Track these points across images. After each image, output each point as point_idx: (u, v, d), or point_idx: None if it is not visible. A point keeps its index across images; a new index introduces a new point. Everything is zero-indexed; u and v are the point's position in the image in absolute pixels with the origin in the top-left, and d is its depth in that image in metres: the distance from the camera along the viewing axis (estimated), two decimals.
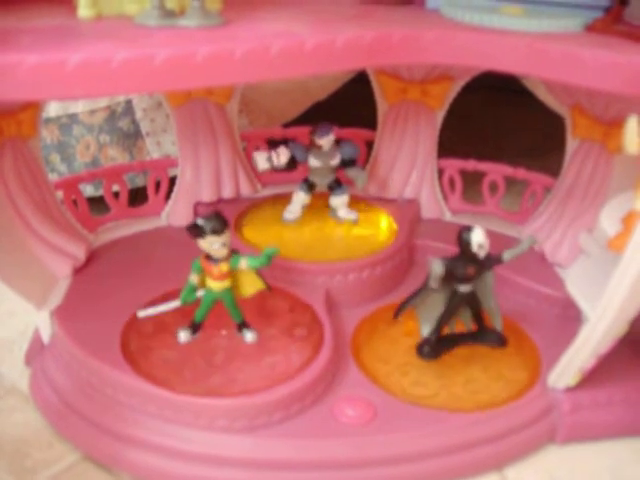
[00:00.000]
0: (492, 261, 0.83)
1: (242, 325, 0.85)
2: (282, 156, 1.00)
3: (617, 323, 0.74)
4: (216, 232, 0.77)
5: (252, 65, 0.65)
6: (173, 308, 0.86)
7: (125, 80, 0.61)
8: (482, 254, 0.80)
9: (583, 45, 0.71)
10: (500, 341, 0.88)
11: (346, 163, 1.04)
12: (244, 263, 0.80)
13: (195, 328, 0.84)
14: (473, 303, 0.85)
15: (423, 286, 0.83)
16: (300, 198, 1.06)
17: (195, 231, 0.77)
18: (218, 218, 0.78)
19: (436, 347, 0.86)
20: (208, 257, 0.79)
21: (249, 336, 0.84)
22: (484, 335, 0.88)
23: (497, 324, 0.87)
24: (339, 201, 1.06)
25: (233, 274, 0.82)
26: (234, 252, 0.80)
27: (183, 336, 0.84)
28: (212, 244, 0.78)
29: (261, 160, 1.01)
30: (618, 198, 0.83)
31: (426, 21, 0.82)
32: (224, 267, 0.80)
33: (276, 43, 0.65)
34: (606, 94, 0.86)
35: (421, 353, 0.86)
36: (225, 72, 0.64)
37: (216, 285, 0.81)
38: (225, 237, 0.78)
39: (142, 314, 0.86)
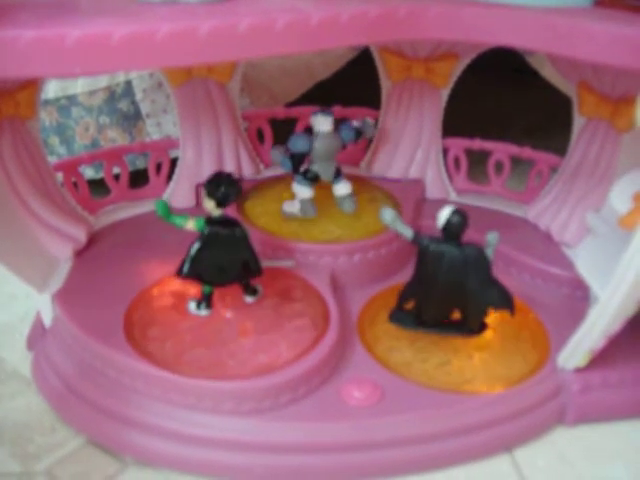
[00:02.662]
0: None
1: None
2: None
3: (627, 303, 0.73)
4: None
5: (256, 40, 0.63)
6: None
7: (126, 56, 0.60)
8: None
9: (592, 19, 0.70)
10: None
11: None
12: None
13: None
14: None
15: None
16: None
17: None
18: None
19: None
20: None
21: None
22: None
23: None
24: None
25: None
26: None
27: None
28: None
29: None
30: (628, 176, 0.82)
31: None
32: None
33: (281, 18, 0.64)
34: (614, 69, 0.85)
35: None
36: (229, 47, 0.62)
37: None
38: None
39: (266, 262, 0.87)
